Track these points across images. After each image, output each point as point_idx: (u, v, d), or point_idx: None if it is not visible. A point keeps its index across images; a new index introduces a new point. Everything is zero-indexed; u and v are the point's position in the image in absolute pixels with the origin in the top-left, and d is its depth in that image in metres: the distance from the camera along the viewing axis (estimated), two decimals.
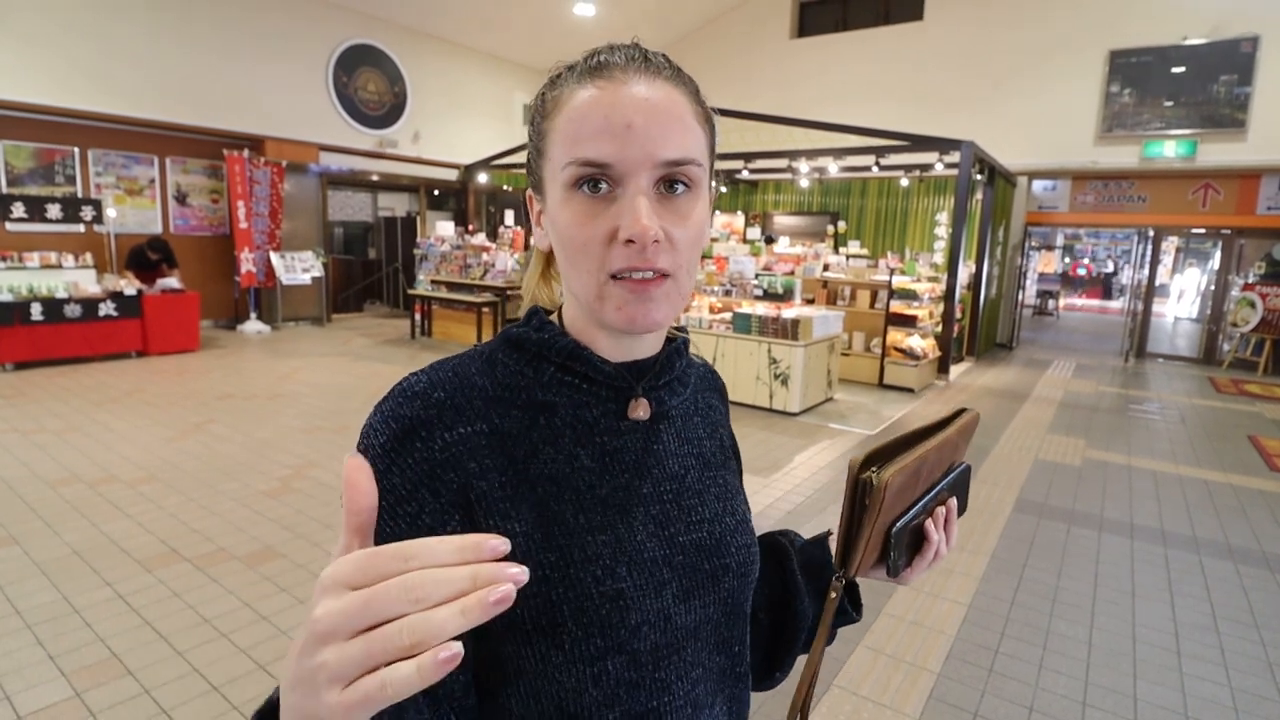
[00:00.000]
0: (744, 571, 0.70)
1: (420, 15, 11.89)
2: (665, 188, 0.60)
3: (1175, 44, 10.00)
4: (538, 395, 0.65)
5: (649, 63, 0.61)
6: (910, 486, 0.70)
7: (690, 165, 0.60)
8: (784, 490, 4.73)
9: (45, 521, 3.80)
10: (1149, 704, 2.63)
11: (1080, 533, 4.22)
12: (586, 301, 0.62)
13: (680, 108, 0.61)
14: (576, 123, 0.59)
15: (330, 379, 7.56)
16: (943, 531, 0.76)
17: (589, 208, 0.59)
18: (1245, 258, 10.73)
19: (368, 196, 15.34)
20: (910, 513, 0.72)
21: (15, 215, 8.26)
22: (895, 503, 0.68)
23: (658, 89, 0.60)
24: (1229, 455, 5.96)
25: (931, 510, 0.75)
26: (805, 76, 13.00)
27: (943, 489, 0.77)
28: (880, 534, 0.69)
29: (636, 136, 0.58)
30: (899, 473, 0.66)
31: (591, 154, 0.58)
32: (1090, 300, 21.53)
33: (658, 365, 0.70)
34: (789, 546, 0.85)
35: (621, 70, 0.60)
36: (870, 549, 0.69)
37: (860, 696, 2.60)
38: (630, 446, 0.67)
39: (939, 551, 0.76)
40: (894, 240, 12.62)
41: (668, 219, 0.60)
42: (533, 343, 0.66)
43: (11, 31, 8.13)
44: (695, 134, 0.62)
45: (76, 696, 2.44)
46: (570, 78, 0.61)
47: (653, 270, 0.59)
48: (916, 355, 8.09)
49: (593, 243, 0.59)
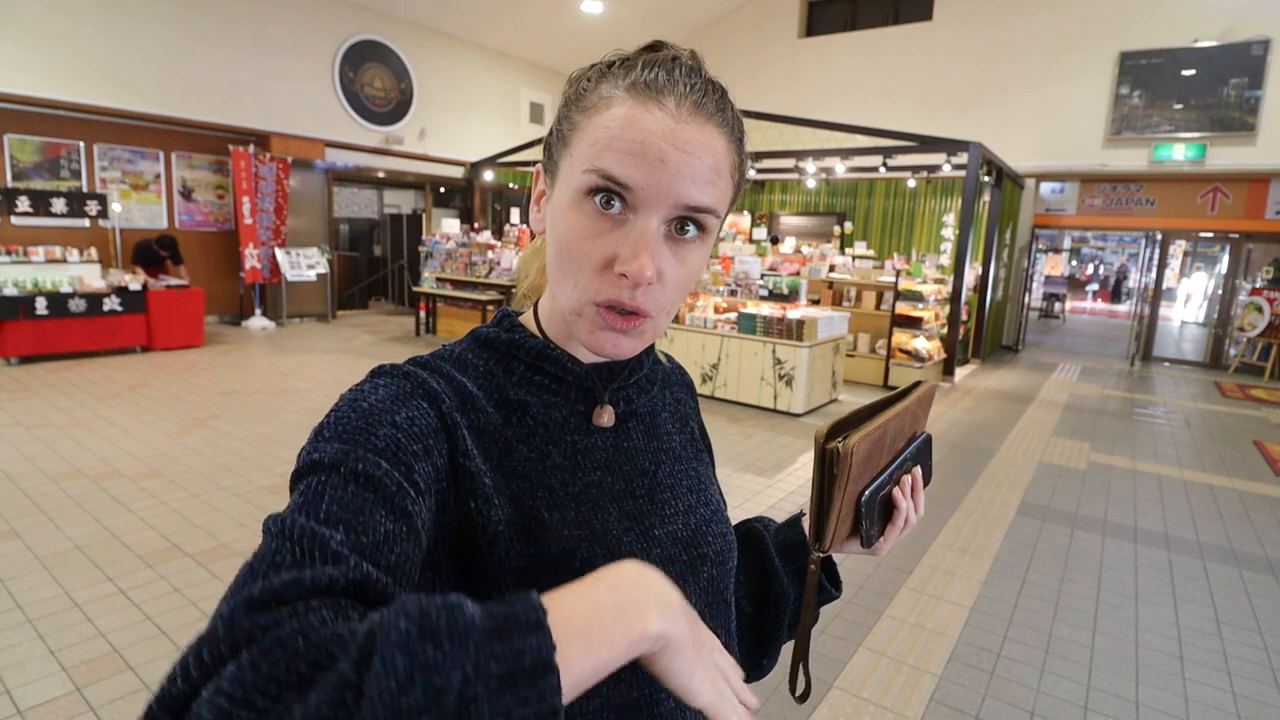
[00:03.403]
0: (721, 560, 0.71)
1: (427, 11, 11.89)
2: (676, 228, 0.59)
3: (1186, 46, 9.95)
4: (510, 394, 0.65)
5: (704, 99, 0.59)
6: (875, 454, 0.70)
7: (708, 214, 0.59)
8: (787, 491, 4.72)
9: (48, 516, 3.81)
10: (1151, 709, 2.61)
11: (1084, 537, 4.20)
12: (565, 308, 0.61)
13: (719, 158, 0.59)
14: (611, 133, 0.57)
15: (334, 375, 7.57)
16: (910, 499, 0.76)
17: (596, 224, 0.58)
18: (1253, 262, 10.69)
19: (373, 193, 15.37)
20: (877, 481, 0.72)
21: (20, 209, 8.30)
22: (862, 471, 0.68)
23: (705, 133, 0.58)
24: (1234, 460, 5.93)
25: (898, 479, 0.76)
26: (813, 76, 12.98)
27: (907, 458, 0.77)
28: (850, 504, 0.69)
29: (667, 172, 0.56)
30: (863, 439, 0.65)
31: (617, 172, 0.56)
32: (1097, 304, 21.47)
33: (627, 367, 0.71)
34: (763, 531, 0.86)
35: (676, 101, 0.57)
36: (842, 520, 0.69)
37: (861, 699, 2.58)
38: (601, 445, 0.68)
39: (909, 519, 0.76)
40: (900, 241, 12.59)
41: (667, 259, 0.59)
42: (503, 343, 0.67)
43: (18, 25, 8.15)
44: (724, 185, 0.60)
45: (77, 691, 2.44)
46: (621, 80, 0.59)
47: (635, 310, 0.58)
48: (922, 357, 8.06)
49: (588, 261, 0.58)
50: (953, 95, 11.65)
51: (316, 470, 0.50)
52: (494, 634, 0.37)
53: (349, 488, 0.49)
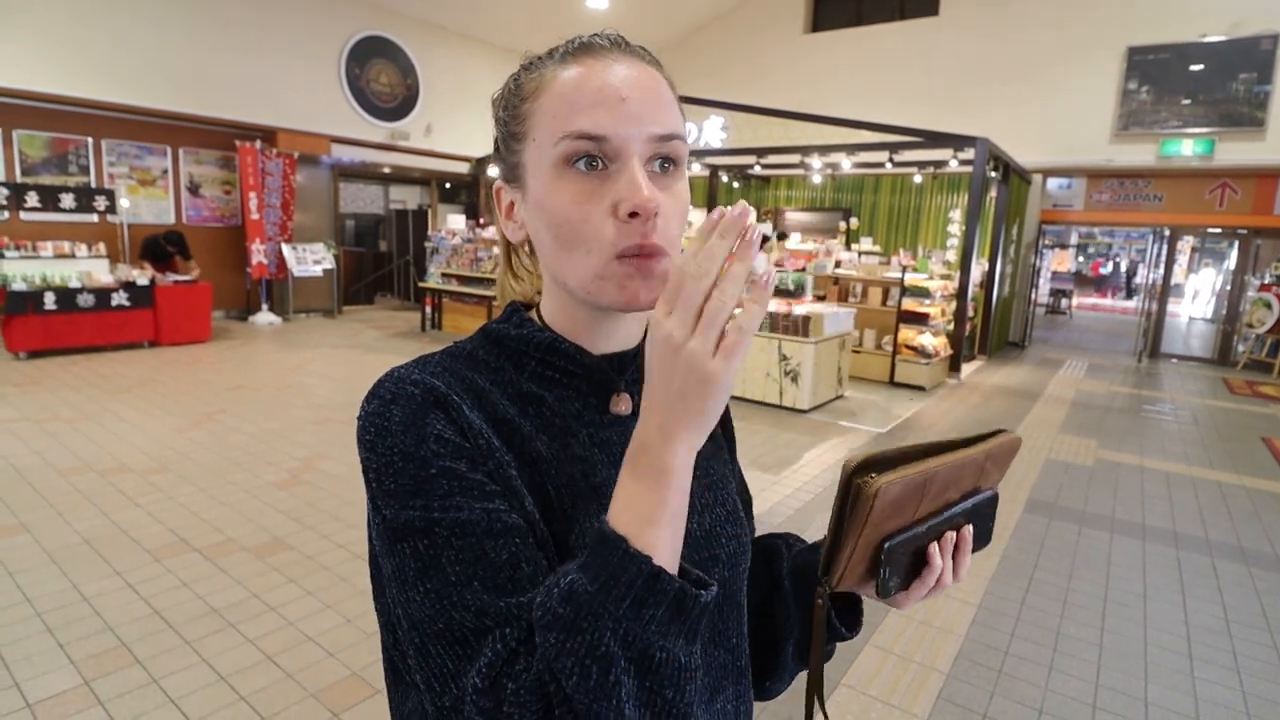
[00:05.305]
0: (734, 562, 0.70)
1: (433, 7, 11.89)
2: (657, 167, 0.60)
3: (1194, 41, 9.88)
4: (524, 387, 0.65)
5: (626, 44, 0.63)
6: (911, 501, 0.63)
7: (677, 140, 0.61)
8: (793, 488, 4.71)
9: (56, 510, 3.82)
10: (1160, 707, 2.60)
11: (1091, 534, 4.19)
12: (581, 285, 0.61)
13: (663, 87, 0.62)
14: (568, 98, 0.58)
15: (341, 371, 7.58)
16: (949, 559, 0.69)
17: (585, 185, 0.58)
18: (1262, 258, 10.63)
19: (379, 189, 15.38)
20: (911, 531, 0.65)
21: (29, 204, 8.31)
22: (889, 515, 0.61)
23: (642, 69, 0.61)
24: (1242, 457, 5.90)
25: (940, 533, 0.68)
26: (819, 71, 12.93)
27: (958, 513, 0.69)
28: (868, 547, 0.63)
29: (630, 110, 0.58)
30: (896, 483, 0.59)
31: (587, 126, 0.57)
32: (1104, 300, 21.39)
33: (638, 358, 0.69)
34: (783, 549, 0.83)
35: (606, 51, 0.61)
36: (855, 561, 0.63)
37: (869, 696, 2.58)
38: (616, 439, 0.66)
39: (942, 580, 0.68)
40: (907, 237, 12.54)
41: (659, 195, 0.59)
42: (512, 339, 0.67)
43: (27, 21, 8.17)
44: (677, 111, 0.63)
45: (85, 685, 2.45)
46: (549, 61, 0.62)
47: (654, 248, 0.59)
48: (928, 353, 8.04)
49: (593, 219, 0.58)
50: (959, 90, 11.59)
51: (411, 535, 0.55)
52: (607, 586, 0.48)
53: (453, 541, 0.54)
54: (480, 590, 0.52)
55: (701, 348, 0.48)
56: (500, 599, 0.52)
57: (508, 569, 0.53)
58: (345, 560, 3.43)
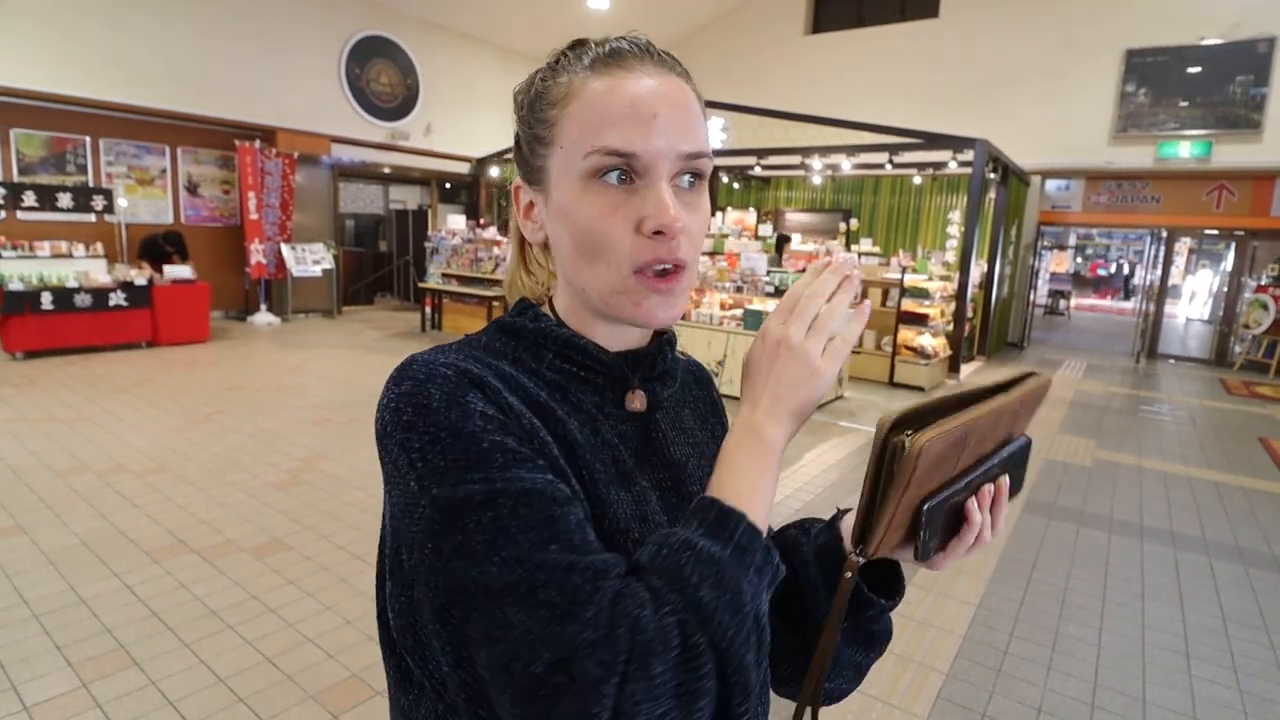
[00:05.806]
0: None
1: (434, 7, 11.89)
2: (682, 183, 0.61)
3: (1191, 44, 9.91)
4: (546, 376, 0.66)
5: (657, 55, 0.62)
6: (951, 457, 0.59)
7: (703, 158, 0.61)
8: (793, 488, 4.71)
9: (53, 511, 3.82)
10: (1158, 706, 2.61)
11: (1090, 534, 4.19)
12: (600, 296, 0.62)
13: (693, 102, 0.62)
14: (598, 110, 0.59)
15: (340, 371, 7.58)
16: (988, 514, 0.65)
17: (611, 198, 0.59)
18: (1259, 259, 10.65)
19: (379, 189, 15.37)
20: (950, 489, 0.60)
21: (26, 204, 8.31)
22: (930, 474, 0.57)
23: (673, 83, 0.61)
24: (1240, 457, 5.91)
25: (978, 488, 0.64)
26: (819, 73, 12.95)
27: (994, 465, 0.65)
28: (908, 509, 0.58)
29: (661, 128, 0.58)
30: (938, 439, 0.55)
31: (618, 143, 0.58)
32: (1100, 300, 21.41)
33: (650, 357, 0.70)
34: (800, 537, 0.76)
35: (638, 61, 0.60)
36: (895, 526, 0.59)
37: (868, 696, 2.58)
38: (633, 434, 0.68)
39: (981, 536, 0.65)
40: (906, 238, 12.56)
41: (682, 211, 0.60)
42: (530, 331, 0.67)
43: (25, 19, 8.16)
44: (704, 127, 0.63)
45: (83, 687, 2.44)
46: (579, 65, 0.61)
47: (676, 263, 0.60)
48: (927, 354, 8.05)
49: (617, 233, 0.59)
50: (959, 92, 11.61)
51: (473, 508, 0.53)
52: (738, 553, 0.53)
53: (519, 510, 0.53)
54: (560, 551, 0.51)
55: (815, 347, 0.58)
56: (583, 556, 0.52)
57: (578, 533, 0.54)
58: (345, 561, 3.42)
